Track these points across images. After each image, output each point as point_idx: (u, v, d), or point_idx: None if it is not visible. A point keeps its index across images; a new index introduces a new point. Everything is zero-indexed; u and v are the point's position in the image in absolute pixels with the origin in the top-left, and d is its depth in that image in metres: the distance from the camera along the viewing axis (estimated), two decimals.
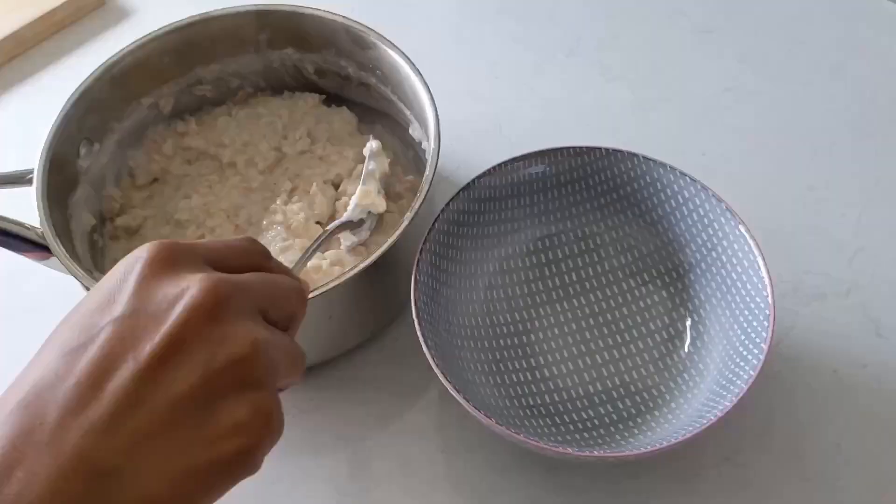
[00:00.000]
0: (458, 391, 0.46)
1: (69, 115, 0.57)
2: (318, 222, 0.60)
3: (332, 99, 0.67)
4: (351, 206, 0.56)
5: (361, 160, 0.63)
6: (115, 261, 0.55)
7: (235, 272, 0.34)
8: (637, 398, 0.53)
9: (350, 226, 0.57)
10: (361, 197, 0.57)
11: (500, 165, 0.55)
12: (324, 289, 0.49)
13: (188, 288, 0.31)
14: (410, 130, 0.62)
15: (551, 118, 0.71)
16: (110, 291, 0.31)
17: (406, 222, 0.51)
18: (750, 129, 0.68)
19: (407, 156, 0.65)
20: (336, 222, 0.56)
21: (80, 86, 0.58)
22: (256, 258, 0.36)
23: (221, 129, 0.64)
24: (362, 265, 0.49)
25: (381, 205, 0.57)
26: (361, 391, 0.57)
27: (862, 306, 0.58)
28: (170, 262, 0.32)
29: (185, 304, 0.30)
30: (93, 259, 0.58)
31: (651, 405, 0.52)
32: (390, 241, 0.50)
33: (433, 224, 0.52)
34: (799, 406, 0.54)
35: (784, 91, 0.70)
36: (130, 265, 0.32)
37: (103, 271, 0.58)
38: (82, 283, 0.51)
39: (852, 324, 0.58)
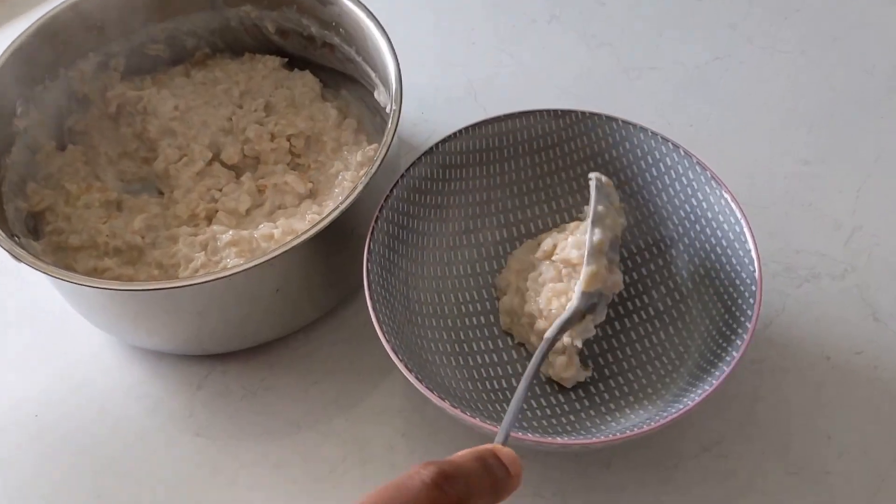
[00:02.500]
0: (410, 370, 0.42)
1: (3, 70, 0.53)
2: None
3: (297, 63, 0.63)
4: (575, 297, 0.45)
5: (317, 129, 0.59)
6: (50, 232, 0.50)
7: None
8: (611, 382, 0.48)
9: (575, 319, 0.45)
10: (589, 282, 0.45)
11: (466, 129, 0.51)
12: (265, 258, 0.44)
13: None
14: (375, 94, 0.57)
15: (530, 87, 0.66)
16: None
17: (360, 187, 0.47)
18: (741, 101, 0.64)
19: (374, 123, 0.61)
20: (557, 322, 0.44)
21: (14, 40, 0.54)
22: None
23: (168, 111, 0.59)
24: (308, 234, 0.45)
25: (616, 283, 0.46)
26: (316, 371, 0.53)
27: (858, 289, 0.54)
28: None
29: None
30: (25, 223, 0.53)
31: (626, 390, 0.48)
32: (342, 206, 0.46)
33: (391, 190, 0.48)
34: (787, 394, 0.50)
35: (778, 61, 0.66)
36: None
37: (37, 236, 0.54)
38: (3, 248, 0.46)
39: (847, 307, 0.53)
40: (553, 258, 0.48)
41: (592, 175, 0.47)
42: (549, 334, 0.43)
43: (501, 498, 0.31)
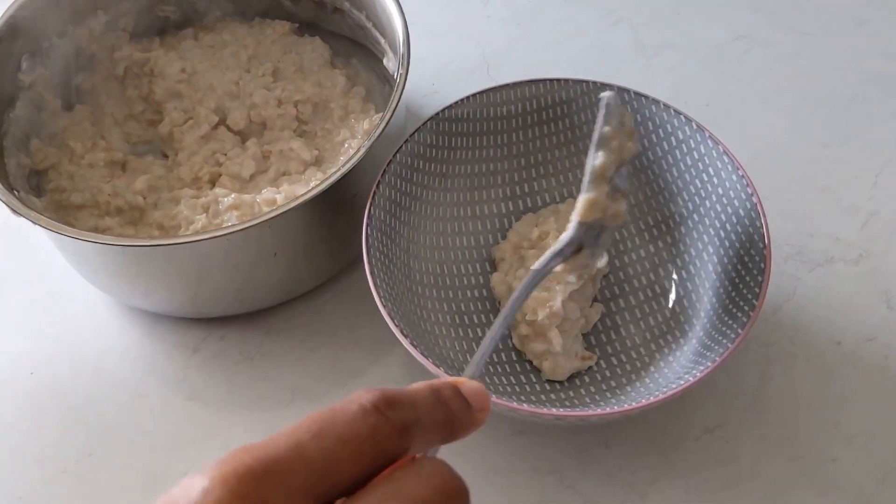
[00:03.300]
0: (406, 336, 0.41)
1: (9, 24, 0.52)
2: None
3: (307, 29, 0.62)
4: (571, 226, 0.40)
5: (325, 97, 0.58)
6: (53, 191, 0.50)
7: (353, 483, 0.24)
8: (613, 360, 0.47)
9: (568, 251, 0.40)
10: (586, 210, 0.40)
11: (473, 95, 0.50)
12: (263, 218, 0.44)
13: None
14: (385, 61, 0.56)
15: (545, 62, 0.65)
16: None
17: (363, 151, 0.46)
18: (760, 82, 0.62)
19: (383, 92, 0.60)
20: (548, 254, 0.39)
21: None
22: (388, 449, 0.24)
23: (174, 73, 0.58)
24: (307, 196, 0.44)
25: (618, 213, 0.41)
26: (315, 340, 0.52)
27: (873, 275, 0.53)
28: None
29: None
30: (27, 180, 0.53)
31: (628, 367, 0.47)
32: (343, 169, 0.45)
33: (394, 155, 0.47)
34: (795, 379, 0.49)
35: (800, 42, 0.64)
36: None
37: (39, 194, 0.53)
38: (2, 201, 0.46)
39: (861, 293, 0.52)
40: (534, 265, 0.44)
41: (604, 94, 0.41)
42: (536, 266, 0.38)
43: (459, 433, 0.27)
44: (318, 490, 0.23)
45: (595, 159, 0.41)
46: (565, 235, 0.40)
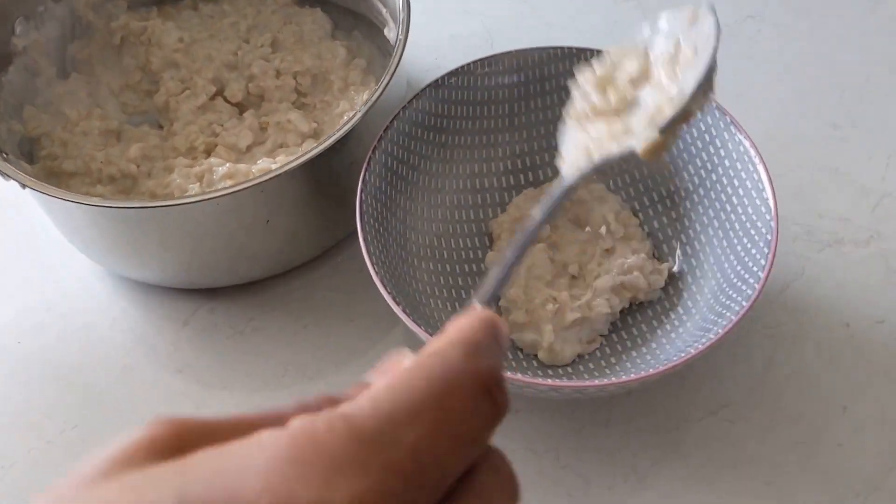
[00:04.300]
0: (398, 303, 0.39)
1: None
2: None
3: (309, 2, 0.61)
4: (621, 146, 0.33)
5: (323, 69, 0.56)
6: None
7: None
8: (614, 337, 0.46)
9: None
10: (650, 149, 0.33)
11: (475, 62, 0.48)
12: (254, 181, 0.42)
13: None
14: (385, 32, 0.55)
15: (551, 40, 0.62)
16: None
17: (359, 115, 0.45)
18: (771, 62, 0.61)
19: (385, 65, 0.58)
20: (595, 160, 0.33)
21: None
22: (482, 447, 0.20)
23: (172, 43, 0.57)
24: (300, 160, 0.43)
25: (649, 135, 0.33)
26: (308, 315, 0.51)
27: (883, 256, 0.51)
28: None
29: None
30: (19, 147, 0.52)
31: (629, 344, 0.45)
32: (337, 134, 0.44)
33: (391, 121, 0.46)
34: (802, 362, 0.47)
35: (814, 23, 0.63)
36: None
37: (31, 161, 0.52)
38: None
39: (870, 275, 0.50)
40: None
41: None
42: (565, 183, 0.32)
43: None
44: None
45: (692, 103, 0.34)
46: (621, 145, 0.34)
